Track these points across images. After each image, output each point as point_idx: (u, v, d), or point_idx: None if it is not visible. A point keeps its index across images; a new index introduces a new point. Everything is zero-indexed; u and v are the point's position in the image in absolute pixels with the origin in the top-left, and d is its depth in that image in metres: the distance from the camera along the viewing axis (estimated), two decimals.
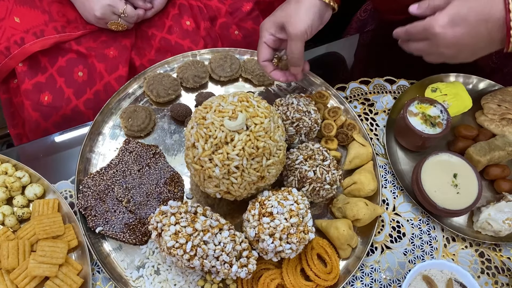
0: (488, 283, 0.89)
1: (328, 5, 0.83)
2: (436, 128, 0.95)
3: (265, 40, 0.86)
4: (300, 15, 0.81)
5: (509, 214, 0.91)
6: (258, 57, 0.88)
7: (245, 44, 1.12)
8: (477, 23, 0.72)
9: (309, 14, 0.81)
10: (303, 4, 0.81)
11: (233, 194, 0.79)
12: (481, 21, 0.71)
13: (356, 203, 0.88)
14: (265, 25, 0.85)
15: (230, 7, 1.11)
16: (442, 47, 0.75)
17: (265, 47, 0.87)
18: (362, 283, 0.87)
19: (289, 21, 0.81)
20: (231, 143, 0.74)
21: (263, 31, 0.86)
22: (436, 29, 0.73)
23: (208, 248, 0.74)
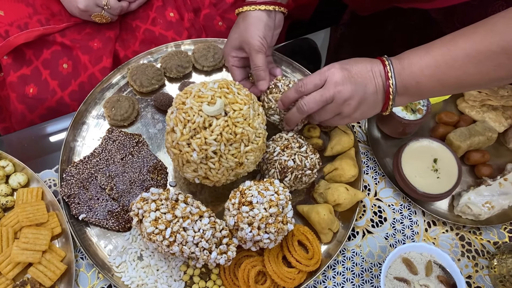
0: (468, 266, 0.91)
1: (275, 11, 0.87)
2: (417, 114, 0.96)
3: (232, 63, 0.92)
4: (250, 32, 0.85)
5: (488, 197, 0.93)
6: (233, 79, 0.92)
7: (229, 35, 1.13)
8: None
9: (259, 27, 0.85)
10: (249, 21, 0.86)
11: (211, 180, 0.80)
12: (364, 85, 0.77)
13: (337, 188, 0.89)
14: (226, 51, 0.91)
15: None
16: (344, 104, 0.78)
17: (235, 69, 0.92)
18: (343, 266, 0.88)
19: (243, 41, 0.86)
20: (209, 128, 0.75)
21: (227, 56, 0.92)
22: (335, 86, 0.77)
23: (188, 234, 0.75)
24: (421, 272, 0.83)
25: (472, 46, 0.68)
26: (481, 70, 0.69)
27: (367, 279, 0.87)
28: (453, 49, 0.70)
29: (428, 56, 0.72)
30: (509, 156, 1.02)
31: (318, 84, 0.79)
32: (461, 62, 0.69)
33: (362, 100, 0.77)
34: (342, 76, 0.76)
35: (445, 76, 0.71)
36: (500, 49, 0.66)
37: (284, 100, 0.84)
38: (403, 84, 0.75)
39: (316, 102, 0.79)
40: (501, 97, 1.03)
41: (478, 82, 0.71)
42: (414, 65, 0.73)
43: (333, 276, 0.87)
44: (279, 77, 0.91)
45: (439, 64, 0.71)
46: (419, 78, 0.73)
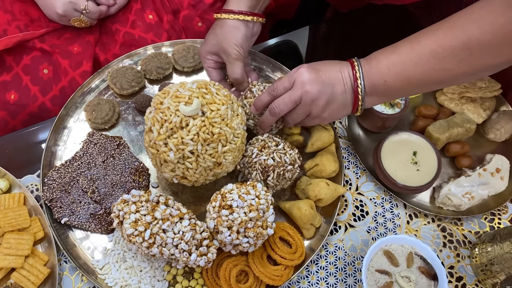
0: (450, 256, 0.92)
1: (253, 22, 0.88)
2: (395, 108, 0.97)
3: (208, 65, 0.92)
4: (228, 40, 0.86)
5: (468, 188, 0.94)
6: (210, 79, 0.92)
7: None
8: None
9: (236, 37, 0.86)
10: (227, 29, 0.87)
11: (189, 179, 0.81)
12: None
13: (318, 184, 0.89)
14: (202, 53, 0.92)
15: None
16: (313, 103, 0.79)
17: (211, 70, 0.93)
18: (326, 261, 0.89)
19: (220, 49, 0.88)
20: (186, 128, 0.75)
21: (202, 58, 0.92)
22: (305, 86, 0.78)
23: (167, 236, 0.75)
24: (402, 263, 0.83)
25: (436, 43, 0.69)
26: (445, 66, 0.70)
27: (350, 273, 0.88)
28: (417, 47, 0.71)
29: (395, 55, 0.73)
30: (489, 147, 1.04)
31: (288, 87, 0.80)
32: (426, 59, 0.70)
33: (330, 100, 0.78)
34: (309, 76, 0.77)
35: (411, 73, 0.72)
36: (461, 45, 0.67)
37: (257, 103, 0.85)
38: (371, 83, 0.76)
39: (285, 104, 0.80)
40: (479, 89, 1.04)
41: (443, 79, 0.72)
42: (382, 64, 0.74)
43: (316, 271, 0.88)
44: (254, 82, 0.92)
45: (405, 62, 0.72)
46: (387, 77, 0.74)
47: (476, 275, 0.90)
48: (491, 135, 1.02)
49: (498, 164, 0.97)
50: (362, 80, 0.76)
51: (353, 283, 0.87)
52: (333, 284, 0.87)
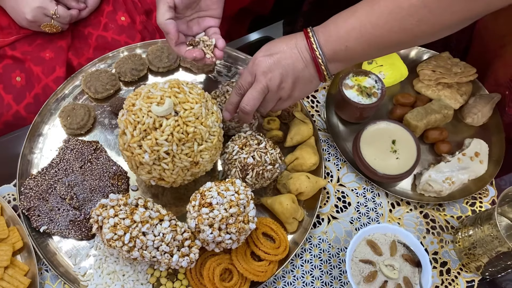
0: (433, 242, 0.92)
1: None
2: (372, 98, 0.97)
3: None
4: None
5: (448, 173, 0.94)
6: (158, 18, 0.80)
7: None
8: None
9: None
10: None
11: (167, 181, 0.80)
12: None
13: (298, 177, 0.89)
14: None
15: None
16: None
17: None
18: (311, 254, 0.89)
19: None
20: (159, 128, 0.75)
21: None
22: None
23: (147, 239, 0.74)
24: (385, 252, 0.84)
25: (394, 3, 0.68)
26: (404, 26, 0.68)
27: (335, 265, 0.88)
28: (376, 7, 0.69)
29: (353, 18, 0.72)
30: (467, 132, 1.04)
31: (251, 81, 0.79)
32: (385, 20, 0.69)
33: (296, 79, 0.78)
34: (268, 63, 0.76)
35: (371, 36, 0.71)
36: (420, 3, 0.65)
37: (228, 107, 0.85)
38: (332, 50, 0.74)
39: (254, 99, 0.79)
40: (454, 74, 1.04)
41: (403, 39, 0.71)
42: (341, 29, 0.73)
43: (301, 264, 0.87)
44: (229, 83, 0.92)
45: (364, 24, 0.71)
46: (347, 42, 0.73)
47: (460, 260, 0.90)
48: (469, 119, 1.03)
49: (476, 148, 0.98)
50: (320, 49, 0.74)
51: (338, 274, 0.87)
52: (318, 277, 0.86)
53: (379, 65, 1.06)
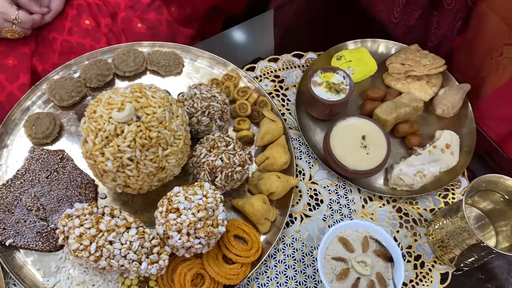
0: (407, 236, 0.92)
1: None
2: (341, 94, 0.97)
3: None
4: None
5: (419, 167, 0.94)
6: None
7: (150, 36, 1.11)
8: None
9: None
10: None
11: (132, 187, 0.79)
12: None
13: (269, 177, 0.89)
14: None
15: (130, 0, 1.10)
16: None
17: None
18: (284, 254, 0.88)
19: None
20: (121, 135, 0.73)
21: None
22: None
23: (114, 247, 0.73)
24: (357, 249, 0.83)
25: None
26: None
27: (309, 263, 0.87)
28: None
29: None
30: (439, 124, 1.04)
31: None
32: None
33: None
34: None
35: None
36: None
37: None
38: None
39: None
40: (423, 67, 1.04)
41: None
42: None
43: (274, 265, 0.87)
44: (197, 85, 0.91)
45: None
46: None
47: (434, 252, 0.91)
48: (439, 110, 1.03)
49: (447, 139, 0.98)
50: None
51: (312, 273, 0.87)
52: (292, 277, 0.86)
53: (347, 61, 1.05)
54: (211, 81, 1.01)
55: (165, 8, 1.13)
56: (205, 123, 0.89)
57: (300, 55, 1.12)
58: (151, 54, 1.03)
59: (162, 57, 1.02)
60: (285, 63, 1.10)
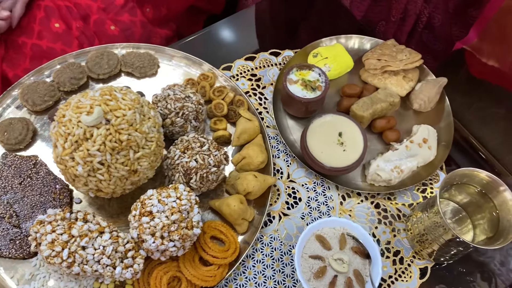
0: (386, 232, 0.92)
1: None
2: (317, 91, 0.96)
3: None
4: None
5: (396, 162, 0.94)
6: None
7: (124, 38, 1.10)
8: None
9: None
10: None
11: (105, 192, 0.78)
12: None
13: (246, 177, 0.88)
14: None
15: (103, 2, 1.09)
16: None
17: None
18: (262, 253, 0.88)
19: None
20: (90, 139, 0.72)
21: None
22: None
23: (87, 253, 0.72)
24: (335, 246, 0.83)
25: None
26: None
27: (287, 262, 0.87)
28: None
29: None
30: (417, 118, 1.04)
31: None
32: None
33: None
34: None
35: None
36: None
37: None
38: None
39: None
40: (400, 61, 1.04)
41: None
42: None
43: (253, 265, 0.86)
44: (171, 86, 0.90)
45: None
46: None
47: (413, 247, 0.91)
48: (416, 105, 1.03)
49: (424, 134, 0.98)
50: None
51: (290, 272, 0.86)
52: (271, 276, 0.86)
53: (324, 58, 1.05)
54: (186, 82, 1.00)
55: (138, 9, 1.12)
56: (180, 124, 0.89)
57: (277, 53, 1.11)
58: (125, 56, 1.02)
59: (137, 58, 1.01)
60: (262, 61, 1.10)
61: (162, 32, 1.19)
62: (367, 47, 1.12)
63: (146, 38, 1.15)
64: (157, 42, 1.18)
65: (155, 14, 1.17)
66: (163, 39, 1.20)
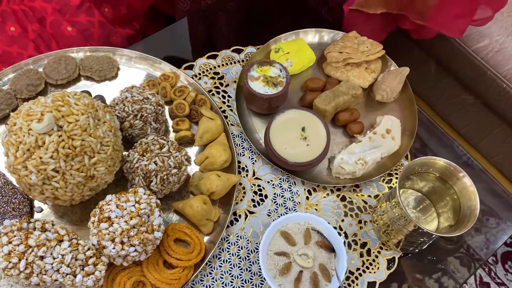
0: (352, 224, 0.92)
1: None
2: (278, 87, 0.96)
3: None
4: None
5: (360, 154, 0.94)
6: None
7: (83, 39, 1.08)
8: None
9: None
10: None
11: (62, 199, 0.76)
12: None
13: (209, 177, 0.87)
14: None
15: (58, 4, 1.07)
16: None
17: None
18: (229, 253, 0.87)
19: None
20: (43, 146, 0.71)
21: None
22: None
23: (45, 262, 0.71)
24: (299, 241, 0.83)
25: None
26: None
27: (254, 260, 0.87)
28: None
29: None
30: (381, 109, 1.04)
31: None
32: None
33: None
34: None
35: None
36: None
37: None
38: None
39: None
40: (361, 53, 1.04)
41: None
42: None
43: (219, 265, 0.86)
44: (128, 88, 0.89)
45: None
46: None
47: (380, 238, 0.91)
48: (378, 96, 1.03)
49: (387, 124, 0.98)
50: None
51: (257, 270, 0.86)
52: (238, 275, 0.85)
53: (285, 53, 1.04)
54: (146, 83, 0.99)
55: (96, 9, 1.10)
56: (139, 126, 0.87)
57: (239, 50, 1.10)
58: (84, 60, 1.00)
59: (95, 62, 1.00)
60: (224, 59, 1.09)
61: (123, 31, 1.17)
62: (329, 40, 1.12)
63: (106, 37, 1.13)
64: (118, 41, 1.17)
65: (114, 13, 1.15)
66: (124, 38, 1.18)
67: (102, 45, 1.13)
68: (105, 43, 1.12)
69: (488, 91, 1.38)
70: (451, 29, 1.04)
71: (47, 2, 1.06)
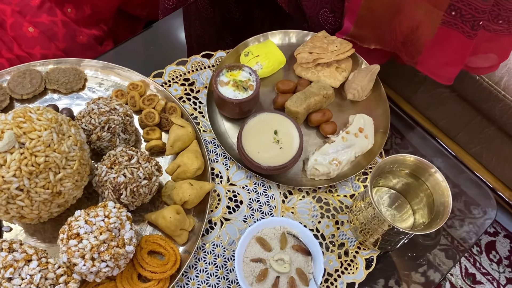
0: (329, 226, 0.91)
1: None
2: (249, 91, 0.95)
3: None
4: None
5: (333, 154, 0.94)
6: None
7: (46, 39, 1.06)
8: None
9: None
10: None
11: (29, 218, 0.74)
12: None
13: (181, 186, 0.86)
14: None
15: (17, 5, 1.04)
16: None
17: None
18: (205, 262, 0.86)
19: None
20: (4, 165, 0.69)
21: None
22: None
23: (13, 284, 0.69)
24: (275, 246, 0.82)
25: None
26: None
27: (231, 268, 0.86)
28: None
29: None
30: (354, 109, 1.04)
31: None
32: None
33: None
34: None
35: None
36: None
37: None
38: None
39: None
40: (331, 53, 1.04)
41: None
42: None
43: (196, 275, 0.84)
44: (95, 100, 0.87)
45: None
46: None
47: (357, 238, 0.90)
48: (350, 95, 1.03)
49: (360, 123, 0.98)
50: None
51: (235, 278, 0.85)
52: (215, 285, 0.84)
53: (255, 56, 1.03)
54: (114, 93, 0.97)
55: (58, 9, 1.07)
56: (107, 138, 0.86)
57: (209, 55, 1.09)
58: (49, 73, 0.98)
59: (61, 74, 0.98)
60: (194, 64, 1.07)
61: (89, 32, 1.15)
62: (298, 41, 1.11)
63: (71, 37, 1.10)
64: (85, 40, 1.14)
65: (78, 14, 1.12)
66: (91, 38, 1.15)
67: (68, 45, 1.10)
68: (72, 42, 1.09)
69: (462, 83, 1.38)
70: (440, 76, 1.07)
71: (5, 3, 1.03)
